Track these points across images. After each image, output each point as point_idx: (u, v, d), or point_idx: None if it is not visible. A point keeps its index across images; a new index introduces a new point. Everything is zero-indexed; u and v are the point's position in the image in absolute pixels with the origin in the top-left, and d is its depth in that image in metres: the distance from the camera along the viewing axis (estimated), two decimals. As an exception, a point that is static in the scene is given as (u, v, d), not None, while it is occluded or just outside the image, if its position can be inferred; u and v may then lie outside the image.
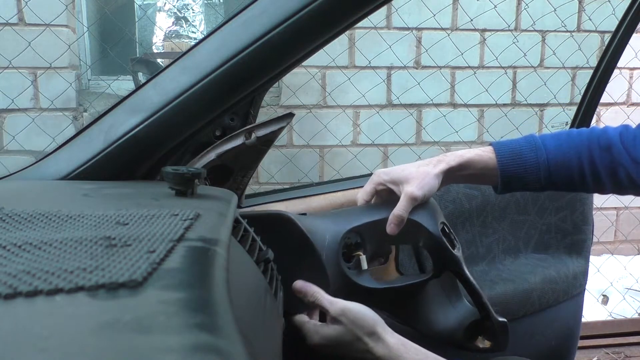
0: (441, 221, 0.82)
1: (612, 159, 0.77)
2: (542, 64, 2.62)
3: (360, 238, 0.79)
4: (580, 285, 1.20)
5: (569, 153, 0.78)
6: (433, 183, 0.77)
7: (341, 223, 0.78)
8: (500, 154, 0.78)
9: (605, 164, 0.77)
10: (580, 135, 0.80)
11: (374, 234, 0.78)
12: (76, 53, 2.34)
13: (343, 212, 0.82)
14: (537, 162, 0.78)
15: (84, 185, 0.61)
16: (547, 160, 0.78)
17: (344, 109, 2.46)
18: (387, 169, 0.80)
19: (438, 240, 0.79)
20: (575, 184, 0.80)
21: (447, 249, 0.80)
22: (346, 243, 0.78)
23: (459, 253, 0.82)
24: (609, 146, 0.77)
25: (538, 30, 2.57)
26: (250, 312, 0.43)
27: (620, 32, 1.21)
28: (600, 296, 2.53)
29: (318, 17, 0.64)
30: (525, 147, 0.79)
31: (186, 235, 0.38)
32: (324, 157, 2.50)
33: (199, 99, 0.66)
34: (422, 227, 0.79)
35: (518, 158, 0.78)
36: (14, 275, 0.29)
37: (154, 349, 0.22)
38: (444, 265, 0.80)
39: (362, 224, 0.78)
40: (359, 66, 2.46)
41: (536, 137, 0.80)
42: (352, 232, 0.78)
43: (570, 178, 0.79)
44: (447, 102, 2.57)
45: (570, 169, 0.78)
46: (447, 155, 0.80)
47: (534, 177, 0.78)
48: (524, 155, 0.78)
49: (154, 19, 2.78)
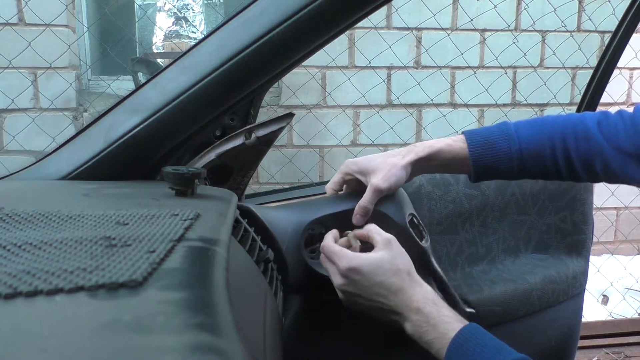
0: (409, 212, 0.83)
1: (588, 150, 0.75)
2: (542, 64, 2.62)
3: (325, 229, 0.79)
4: (580, 285, 1.20)
5: (542, 142, 0.76)
6: (400, 174, 0.76)
7: (305, 214, 0.78)
8: (472, 144, 0.77)
9: (581, 155, 0.75)
10: (555, 123, 0.77)
11: (339, 225, 0.79)
12: (76, 53, 2.34)
13: (308, 203, 0.82)
14: (510, 151, 0.76)
15: (84, 185, 0.61)
16: (520, 150, 0.76)
17: (344, 109, 2.46)
18: (356, 159, 0.79)
19: (405, 232, 0.80)
20: (549, 173, 0.78)
21: (414, 240, 0.81)
22: (310, 234, 0.79)
23: (427, 244, 0.83)
24: (586, 137, 0.75)
25: (538, 30, 2.57)
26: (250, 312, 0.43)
27: (620, 32, 1.21)
28: (600, 296, 2.53)
29: (318, 17, 0.64)
30: (498, 136, 0.77)
31: (186, 235, 0.38)
32: (324, 157, 2.50)
33: (199, 99, 0.66)
34: (389, 219, 0.80)
35: (490, 148, 0.76)
36: (14, 275, 0.29)
37: (154, 349, 0.22)
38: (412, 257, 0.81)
39: (326, 215, 0.79)
40: (359, 66, 2.46)
41: (510, 125, 0.78)
42: (316, 223, 0.79)
43: (543, 167, 0.77)
44: (447, 102, 2.57)
45: (543, 158, 0.76)
46: (416, 145, 0.78)
47: (507, 166, 0.77)
48: (496, 144, 0.76)
49: (154, 19, 2.78)
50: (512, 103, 2.62)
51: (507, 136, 0.77)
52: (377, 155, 0.78)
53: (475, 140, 0.77)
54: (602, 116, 0.77)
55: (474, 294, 1.01)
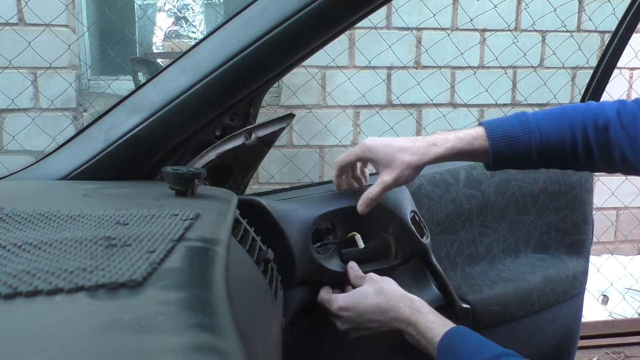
0: (412, 209, 0.84)
1: (607, 140, 0.75)
2: (542, 64, 2.62)
3: (331, 224, 0.80)
4: (580, 285, 1.19)
5: (562, 133, 0.76)
6: (412, 175, 0.77)
7: (312, 209, 0.79)
8: (492, 137, 0.77)
9: (600, 145, 0.75)
10: (575, 112, 0.77)
11: (345, 220, 0.80)
12: (76, 53, 2.34)
13: (315, 199, 0.83)
14: (530, 144, 0.76)
15: (84, 185, 0.61)
16: (540, 142, 0.76)
17: (344, 109, 2.46)
18: (373, 143, 0.78)
19: (407, 228, 0.81)
20: (567, 163, 0.79)
21: (415, 237, 0.81)
22: (317, 228, 0.80)
23: (428, 241, 0.84)
24: (606, 126, 0.75)
25: (538, 30, 2.57)
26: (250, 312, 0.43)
27: (620, 32, 1.21)
28: (600, 296, 2.53)
29: (318, 17, 0.64)
30: (518, 128, 0.77)
31: (186, 235, 0.38)
32: (324, 157, 2.50)
33: (199, 99, 0.66)
34: (392, 214, 0.81)
35: (511, 141, 0.77)
36: (14, 275, 0.29)
37: (154, 349, 0.22)
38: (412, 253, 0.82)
39: (333, 210, 0.80)
40: (359, 66, 2.45)
41: (529, 116, 0.78)
42: (323, 218, 0.79)
43: (562, 157, 0.77)
44: (447, 102, 2.57)
45: (563, 148, 0.76)
46: (437, 143, 0.77)
47: (526, 158, 0.77)
48: (516, 137, 0.76)
49: (154, 19, 2.78)
50: (512, 103, 2.62)
51: (528, 128, 0.77)
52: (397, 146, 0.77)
53: (495, 133, 0.77)
54: (620, 105, 0.76)
55: (474, 294, 1.01)
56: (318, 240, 0.81)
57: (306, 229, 0.77)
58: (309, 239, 0.78)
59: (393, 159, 0.76)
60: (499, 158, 0.77)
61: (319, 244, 0.81)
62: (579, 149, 0.76)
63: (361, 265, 0.83)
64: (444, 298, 0.88)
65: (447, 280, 0.86)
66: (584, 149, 0.76)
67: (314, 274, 0.78)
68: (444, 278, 0.85)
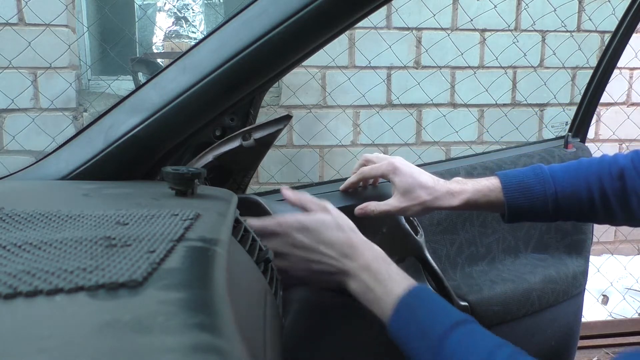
0: None
1: (624, 187, 0.75)
2: (542, 64, 2.62)
3: None
4: (580, 285, 1.19)
5: (578, 184, 0.77)
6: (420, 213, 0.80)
7: None
8: (507, 188, 0.78)
9: (617, 193, 0.76)
10: (590, 165, 0.78)
11: None
12: (76, 53, 2.34)
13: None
14: (545, 194, 0.77)
15: (84, 185, 0.61)
16: (555, 192, 0.77)
17: (344, 109, 2.46)
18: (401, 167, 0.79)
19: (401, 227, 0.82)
20: (585, 215, 0.79)
21: (410, 235, 0.82)
22: None
23: (422, 239, 0.85)
24: (621, 174, 0.76)
25: (538, 30, 2.57)
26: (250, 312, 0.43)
27: (620, 32, 1.21)
28: (600, 296, 2.53)
29: (318, 17, 0.64)
30: (533, 179, 0.78)
31: (186, 235, 0.38)
32: (324, 157, 2.50)
33: (199, 99, 0.65)
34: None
35: (526, 191, 0.78)
36: (14, 275, 0.29)
37: (154, 349, 0.22)
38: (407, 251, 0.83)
39: None
40: (359, 66, 2.45)
41: (544, 168, 0.80)
42: None
43: (579, 209, 0.78)
44: (447, 102, 2.57)
45: (579, 200, 0.77)
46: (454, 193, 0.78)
47: (542, 209, 0.78)
48: (531, 187, 0.78)
49: (154, 19, 2.78)
50: (512, 103, 2.62)
51: (543, 180, 0.78)
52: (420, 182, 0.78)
53: (510, 183, 0.78)
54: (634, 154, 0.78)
55: (474, 294, 1.01)
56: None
57: None
58: None
59: (412, 191, 0.78)
60: (514, 209, 0.78)
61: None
62: (595, 198, 0.76)
63: None
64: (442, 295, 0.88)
65: (443, 277, 0.86)
66: (600, 198, 0.76)
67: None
68: (439, 275, 0.86)
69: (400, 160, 0.81)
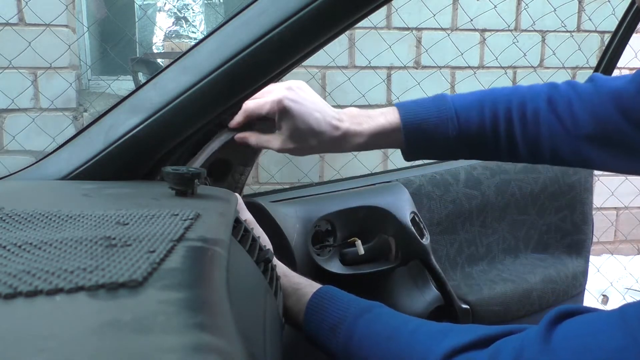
0: (411, 211, 0.84)
1: (537, 134, 0.68)
2: (542, 64, 2.62)
3: (331, 225, 0.80)
4: (580, 285, 1.20)
5: (483, 119, 0.69)
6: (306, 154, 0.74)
7: (312, 211, 0.80)
8: (407, 127, 0.71)
9: (529, 139, 0.68)
10: (499, 95, 0.70)
11: (345, 222, 0.80)
12: (76, 53, 2.34)
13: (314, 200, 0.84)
14: (448, 135, 0.69)
15: (84, 185, 0.61)
16: (460, 131, 0.69)
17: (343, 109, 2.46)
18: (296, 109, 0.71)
19: (407, 230, 0.81)
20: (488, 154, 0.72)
21: (415, 238, 0.82)
22: (317, 230, 0.80)
23: (427, 242, 0.84)
24: (536, 119, 0.68)
25: (538, 30, 2.57)
26: (250, 312, 0.43)
27: (620, 32, 1.21)
28: (600, 296, 2.53)
29: (318, 17, 0.64)
30: (435, 118, 0.71)
31: (186, 235, 0.38)
32: (324, 157, 2.49)
33: (199, 99, 0.65)
34: (392, 216, 0.81)
35: (426, 133, 0.70)
36: (14, 275, 0.29)
37: (154, 349, 0.22)
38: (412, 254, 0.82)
39: (333, 212, 0.80)
40: (359, 66, 2.45)
41: (448, 101, 0.72)
42: (323, 219, 0.80)
43: (484, 147, 0.70)
44: (447, 102, 2.57)
45: (484, 139, 0.69)
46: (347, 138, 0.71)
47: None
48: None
49: (154, 19, 2.77)
50: (512, 103, 2.62)
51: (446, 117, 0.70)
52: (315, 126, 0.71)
53: (409, 121, 0.71)
54: (551, 90, 0.70)
55: (474, 294, 1.01)
56: (317, 241, 0.81)
57: (306, 231, 0.77)
58: (309, 241, 0.78)
59: (299, 136, 0.71)
60: (412, 150, 0.72)
61: (318, 245, 0.81)
62: (502, 141, 0.69)
63: (361, 267, 0.83)
64: (444, 299, 0.88)
65: (446, 280, 0.86)
66: (507, 142, 0.69)
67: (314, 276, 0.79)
68: (443, 279, 0.86)
69: (290, 95, 0.71)
